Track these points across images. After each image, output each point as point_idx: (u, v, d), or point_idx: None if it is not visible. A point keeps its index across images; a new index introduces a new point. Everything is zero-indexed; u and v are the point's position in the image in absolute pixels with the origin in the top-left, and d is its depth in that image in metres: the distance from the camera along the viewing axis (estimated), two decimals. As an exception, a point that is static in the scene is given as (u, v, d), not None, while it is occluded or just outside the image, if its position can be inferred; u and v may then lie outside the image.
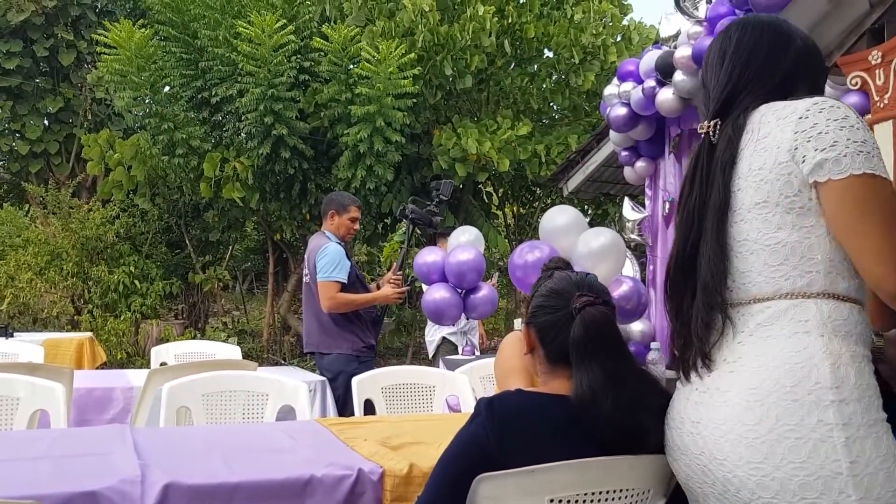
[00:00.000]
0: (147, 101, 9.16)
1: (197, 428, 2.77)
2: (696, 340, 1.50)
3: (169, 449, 2.07)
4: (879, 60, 3.57)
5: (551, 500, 1.50)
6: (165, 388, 2.86)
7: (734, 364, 1.45)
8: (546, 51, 10.06)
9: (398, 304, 5.56)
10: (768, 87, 1.54)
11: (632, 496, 1.57)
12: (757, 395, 1.38)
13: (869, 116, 3.37)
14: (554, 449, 1.52)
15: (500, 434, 1.53)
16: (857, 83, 3.71)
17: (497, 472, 1.48)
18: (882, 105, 3.54)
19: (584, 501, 1.53)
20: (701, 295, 1.50)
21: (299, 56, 8.80)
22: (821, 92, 1.59)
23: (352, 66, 8.57)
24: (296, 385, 3.09)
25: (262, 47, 8.21)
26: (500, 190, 12.09)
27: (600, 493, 1.53)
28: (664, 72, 5.35)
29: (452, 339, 6.17)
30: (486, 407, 1.57)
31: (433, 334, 6.35)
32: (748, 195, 1.47)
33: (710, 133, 1.56)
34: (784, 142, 1.43)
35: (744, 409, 1.38)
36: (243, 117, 8.61)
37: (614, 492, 1.55)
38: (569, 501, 1.51)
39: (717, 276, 1.48)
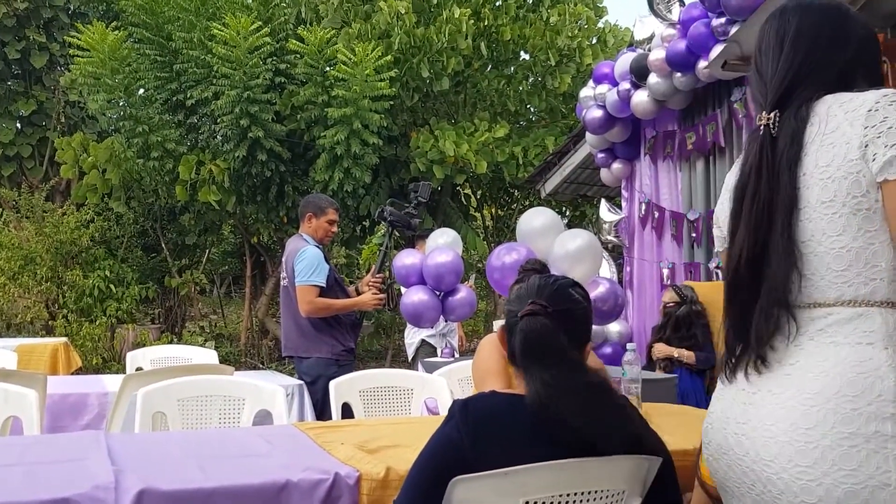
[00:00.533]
0: (121, 103, 9.08)
1: (172, 433, 2.75)
2: (755, 341, 1.46)
3: (144, 455, 2.05)
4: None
5: (526, 502, 1.50)
6: (141, 393, 2.84)
7: (790, 367, 1.42)
8: (522, 53, 10.10)
9: (377, 309, 5.54)
10: (830, 77, 1.48)
11: (606, 497, 1.58)
12: (815, 401, 1.35)
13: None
14: (527, 450, 1.52)
15: (473, 436, 1.53)
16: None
17: (472, 474, 1.48)
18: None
19: (559, 503, 1.53)
20: (767, 295, 1.45)
21: (275, 58, 8.77)
22: (879, 78, 1.53)
23: (328, 69, 8.54)
24: (273, 389, 3.07)
25: (237, 49, 8.17)
26: (478, 192, 12.12)
27: (575, 494, 1.54)
28: (639, 74, 5.40)
29: (432, 341, 6.16)
30: (461, 409, 1.57)
31: (412, 337, 6.35)
32: (814, 193, 1.41)
33: (771, 125, 1.48)
34: (854, 137, 1.37)
35: (800, 414, 1.36)
36: (219, 120, 8.56)
37: (589, 493, 1.55)
38: (543, 503, 1.52)
39: (786, 276, 1.44)
